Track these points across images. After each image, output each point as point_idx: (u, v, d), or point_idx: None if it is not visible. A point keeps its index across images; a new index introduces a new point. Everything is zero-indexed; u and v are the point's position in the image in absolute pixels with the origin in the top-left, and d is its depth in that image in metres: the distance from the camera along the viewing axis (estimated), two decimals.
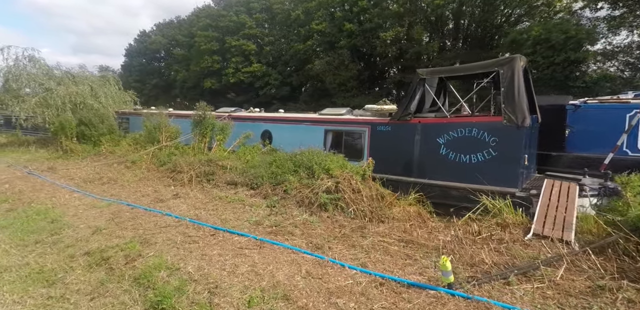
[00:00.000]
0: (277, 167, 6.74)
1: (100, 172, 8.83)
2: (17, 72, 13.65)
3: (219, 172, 7.59)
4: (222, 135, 8.97)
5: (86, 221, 5.01)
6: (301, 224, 4.55)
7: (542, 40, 18.18)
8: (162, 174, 8.19)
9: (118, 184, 7.49)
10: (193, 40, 41.80)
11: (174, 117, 10.90)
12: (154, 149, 10.00)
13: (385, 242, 3.95)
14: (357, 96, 28.91)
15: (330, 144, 8.25)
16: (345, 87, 28.69)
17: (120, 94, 15.71)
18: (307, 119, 8.83)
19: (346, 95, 29.03)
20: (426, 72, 6.82)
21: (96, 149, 12.07)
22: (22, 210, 5.85)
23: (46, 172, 9.10)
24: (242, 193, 6.33)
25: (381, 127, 7.31)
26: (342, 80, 28.12)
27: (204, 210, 5.27)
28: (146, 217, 4.97)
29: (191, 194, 6.40)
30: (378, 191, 5.91)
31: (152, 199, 6.13)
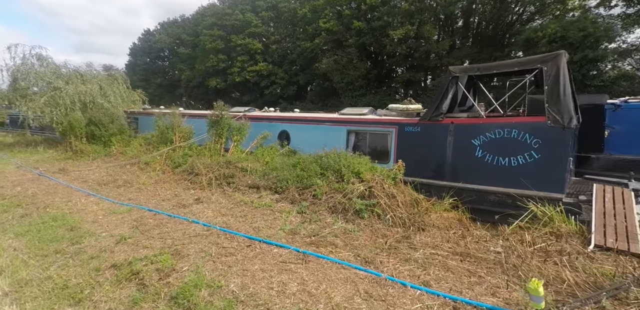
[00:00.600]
0: (302, 170, 6.41)
1: (114, 174, 8.53)
2: (25, 71, 13.38)
3: (239, 174, 7.27)
4: (239, 136, 8.65)
5: (108, 229, 4.70)
6: (341, 233, 4.22)
7: (559, 38, 17.75)
8: (178, 176, 7.88)
9: (134, 187, 7.19)
10: (198, 39, 41.52)
11: (187, 117, 10.59)
12: (167, 150, 9.70)
13: (438, 255, 3.62)
14: (364, 95, 28.55)
15: (353, 145, 7.91)
16: (353, 86, 28.32)
17: (128, 93, 15.40)
18: (328, 119, 8.49)
19: (354, 94, 28.66)
20: (459, 69, 6.46)
21: (106, 149, 11.79)
22: (37, 215, 5.56)
23: (57, 174, 8.81)
24: (266, 197, 6.00)
25: (409, 127, 6.96)
26: (350, 79, 27.74)
27: (232, 217, 4.94)
28: (172, 225, 4.65)
29: (213, 198, 6.08)
30: (413, 196, 5.57)
31: (173, 203, 5.82)
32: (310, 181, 5.96)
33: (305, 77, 32.84)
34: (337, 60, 27.83)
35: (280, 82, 33.58)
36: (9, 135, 23.23)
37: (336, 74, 28.29)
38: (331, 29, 28.48)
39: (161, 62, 52.71)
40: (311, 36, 31.58)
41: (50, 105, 13.22)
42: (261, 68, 34.10)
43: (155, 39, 48.84)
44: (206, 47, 37.18)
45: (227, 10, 38.32)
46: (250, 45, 34.95)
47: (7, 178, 8.59)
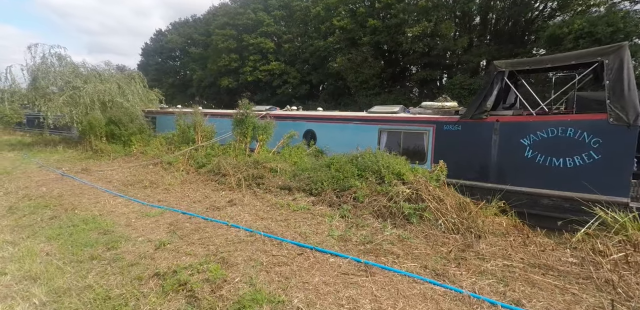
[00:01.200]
0: (337, 171, 6.09)
1: (138, 174, 8.34)
2: (45, 70, 13.35)
3: (268, 175, 6.98)
4: (265, 135, 8.37)
5: (143, 233, 4.45)
6: (396, 240, 3.89)
7: (586, 34, 17.09)
8: (204, 177, 7.64)
9: (161, 188, 6.96)
10: (210, 39, 41.58)
11: (209, 116, 10.37)
12: (189, 150, 9.49)
13: (514, 266, 3.27)
14: (379, 94, 28.10)
15: (386, 145, 7.56)
16: (367, 85, 27.91)
17: (146, 92, 15.28)
18: (358, 117, 8.16)
19: (368, 94, 28.24)
20: (505, 64, 6.06)
21: (126, 149, 11.66)
22: (66, 217, 5.35)
23: (81, 174, 8.66)
24: (301, 200, 5.70)
25: (449, 126, 6.59)
26: (365, 78, 27.34)
27: (272, 221, 4.65)
28: (211, 229, 4.38)
29: (245, 200, 5.81)
30: (460, 199, 5.20)
31: (205, 206, 5.56)
32: (348, 183, 5.64)
33: (318, 76, 32.53)
34: (351, 58, 27.44)
35: (293, 81, 33.34)
36: (26, 134, 23.47)
37: (350, 72, 27.91)
38: (345, 27, 28.11)
39: (172, 62, 53.03)
40: (324, 35, 31.26)
41: (70, 104, 13.17)
42: (273, 67, 33.90)
43: (167, 39, 49.10)
44: (218, 46, 37.13)
45: (239, 9, 38.23)
46: (262, 45, 34.77)
47: (31, 178, 8.48)
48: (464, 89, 22.95)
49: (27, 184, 7.80)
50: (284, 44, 34.86)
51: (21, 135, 23.25)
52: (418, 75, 25.16)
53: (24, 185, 7.75)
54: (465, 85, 22.84)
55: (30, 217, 5.58)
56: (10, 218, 5.69)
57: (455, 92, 23.29)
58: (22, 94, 13.69)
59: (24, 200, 6.60)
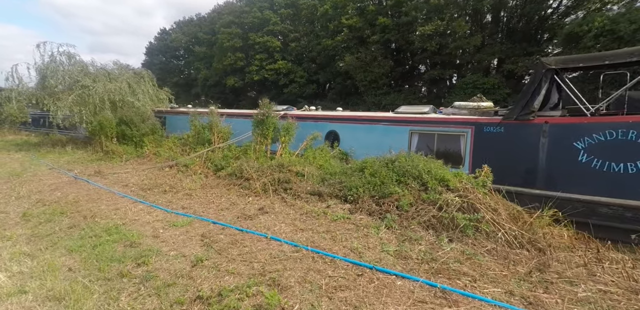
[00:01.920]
0: (373, 176, 5.68)
1: (154, 178, 7.96)
2: (54, 68, 13.00)
3: (294, 179, 6.58)
4: (287, 137, 7.97)
5: (174, 246, 4.06)
6: (462, 258, 3.48)
7: (607, 32, 16.60)
8: (225, 181, 7.25)
9: (182, 193, 6.57)
10: (215, 38, 41.23)
11: (226, 116, 9.97)
12: (206, 152, 9.11)
13: (611, 292, 2.86)
14: (388, 94, 27.66)
15: (418, 147, 7.15)
16: (376, 84, 27.47)
17: (156, 91, 14.91)
18: (386, 118, 7.74)
19: (377, 93, 27.80)
20: (555, 61, 5.63)
21: (138, 150, 11.29)
22: (86, 226, 4.97)
23: (94, 177, 8.29)
24: (337, 207, 5.30)
25: (490, 128, 6.17)
26: (374, 77, 26.90)
27: (314, 233, 4.25)
28: (249, 243, 3.98)
29: (276, 207, 5.41)
30: (512, 208, 4.79)
31: (235, 214, 5.16)
32: (387, 189, 5.23)
33: (326, 75, 32.11)
34: (360, 57, 27.01)
35: (300, 80, 32.92)
36: (31, 134, 23.17)
37: (359, 71, 27.47)
38: (354, 25, 27.67)
39: (176, 61, 52.74)
40: (332, 33, 30.81)
41: (79, 104, 12.82)
42: (280, 66, 33.49)
43: (172, 38, 48.76)
44: (224, 45, 36.76)
45: (245, 8, 37.84)
46: (268, 43, 34.36)
47: (43, 181, 8.11)
48: (477, 89, 22.46)
49: (40, 188, 7.44)
50: (291, 43, 34.44)
51: (26, 135, 22.95)
52: (429, 75, 24.62)
53: (37, 189, 7.39)
54: (479, 84, 22.37)
55: (47, 226, 5.20)
56: (26, 226, 5.32)
57: (467, 92, 22.82)
58: (30, 93, 13.31)
59: (38, 206, 6.23)
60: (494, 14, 25.64)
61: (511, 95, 21.84)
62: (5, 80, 13.57)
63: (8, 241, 4.85)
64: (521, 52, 22.57)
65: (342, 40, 28.22)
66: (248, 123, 10.54)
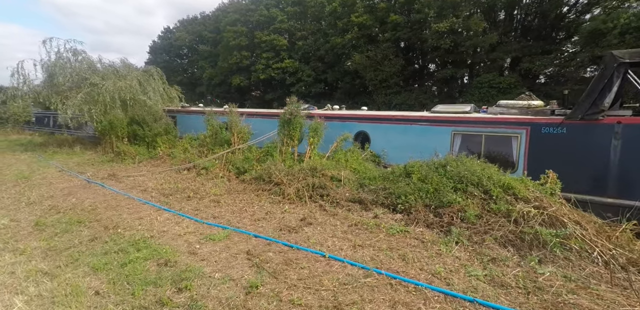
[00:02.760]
0: (423, 182, 5.13)
1: (173, 182, 7.42)
2: (62, 66, 12.45)
3: (330, 185, 6.02)
4: (315, 138, 7.41)
5: (217, 265, 3.50)
6: (573, 287, 2.92)
7: (633, 29, 16.00)
8: (252, 185, 6.70)
9: (207, 200, 6.02)
10: (220, 36, 40.69)
11: (246, 116, 9.42)
12: (225, 153, 8.56)
13: None
14: (399, 93, 27.08)
15: (461, 150, 6.58)
16: (386, 84, 26.87)
17: (166, 89, 14.33)
18: (425, 118, 7.17)
19: (387, 92, 27.22)
20: (629, 54, 5.04)
21: (151, 151, 10.74)
22: (109, 239, 4.42)
23: (108, 181, 7.75)
24: (387, 218, 4.74)
25: (549, 128, 5.59)
26: (385, 76, 26.31)
27: (377, 251, 3.69)
28: (305, 263, 3.43)
29: (319, 218, 4.85)
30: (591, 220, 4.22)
31: (274, 225, 4.61)
32: (444, 198, 4.67)
33: (334, 74, 31.52)
34: (371, 56, 26.43)
35: (307, 79, 32.33)
36: (35, 134, 22.65)
37: (369, 70, 26.89)
38: (364, 23, 27.08)
39: (180, 60, 52.23)
40: (341, 31, 30.23)
41: (87, 102, 12.28)
42: (287, 65, 32.91)
43: (176, 36, 48.20)
44: (229, 43, 36.21)
45: (251, 6, 37.28)
46: (275, 42, 33.79)
47: (54, 185, 7.57)
48: (492, 88, 21.88)
49: (51, 193, 6.90)
50: (298, 42, 33.86)
51: (30, 134, 22.45)
52: (443, 74, 24.02)
53: (48, 193, 6.85)
54: (494, 83, 21.77)
55: (64, 237, 4.66)
56: (40, 237, 4.77)
57: (483, 91, 22.25)
58: (37, 91, 12.76)
59: (52, 213, 5.69)
60: (508, 11, 25.04)
61: None
62: (11, 77, 13.03)
63: (22, 255, 4.31)
64: (538, 50, 21.97)
65: (351, 38, 27.59)
66: (268, 123, 9.99)
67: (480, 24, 21.17)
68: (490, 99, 22.14)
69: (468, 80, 27.45)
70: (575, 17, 22.36)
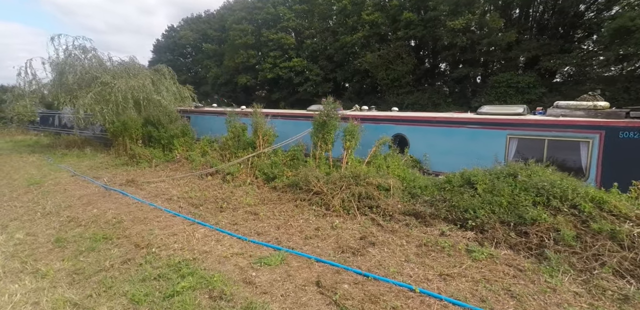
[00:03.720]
0: (491, 194, 4.54)
1: (198, 189, 6.85)
2: (72, 63, 11.88)
3: (377, 194, 5.44)
4: (352, 142, 6.82)
5: (285, 302, 2.91)
6: None
7: None
8: (286, 194, 6.13)
9: (242, 211, 5.45)
10: (225, 35, 40.14)
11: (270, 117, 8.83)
12: (251, 157, 7.98)
13: None
14: (411, 93, 26.45)
15: (518, 155, 6.00)
16: (398, 83, 26.25)
17: (179, 88, 13.72)
18: (473, 120, 6.59)
19: (399, 92, 26.60)
20: None
21: (167, 154, 10.17)
22: (144, 260, 3.85)
23: (127, 187, 7.18)
24: (457, 236, 4.16)
25: (628, 133, 5.00)
26: (396, 75, 25.70)
27: (471, 282, 3.11)
28: (396, 300, 2.84)
29: (379, 235, 4.27)
30: None
31: (331, 244, 4.03)
32: (526, 213, 4.08)
33: (343, 73, 30.90)
34: (383, 55, 25.81)
35: (316, 79, 31.68)
36: (40, 134, 22.12)
37: (380, 69, 26.28)
38: (375, 21, 26.46)
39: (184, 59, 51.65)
40: (351, 30, 29.60)
41: (99, 102, 11.71)
42: (295, 64, 32.24)
43: (180, 35, 47.58)
44: (236, 42, 35.59)
45: (258, 3, 36.63)
46: (282, 40, 33.14)
47: (69, 192, 7.01)
48: (511, 87, 21.24)
49: (68, 201, 6.33)
50: (306, 40, 33.23)
51: (35, 134, 21.92)
52: (459, 72, 23.39)
53: (65, 202, 6.28)
54: (512, 83, 21.13)
55: (90, 257, 4.09)
56: (62, 256, 4.21)
57: (500, 91, 21.62)
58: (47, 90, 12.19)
59: (72, 227, 5.13)
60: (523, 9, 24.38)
61: (547, 95, 20.62)
62: (18, 76, 12.47)
63: (44, 279, 3.75)
64: (557, 49, 21.31)
65: (362, 36, 26.96)
66: (292, 124, 9.42)
67: (498, 21, 20.52)
68: (507, 99, 21.52)
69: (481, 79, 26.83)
70: (595, 15, 21.70)
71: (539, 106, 6.55)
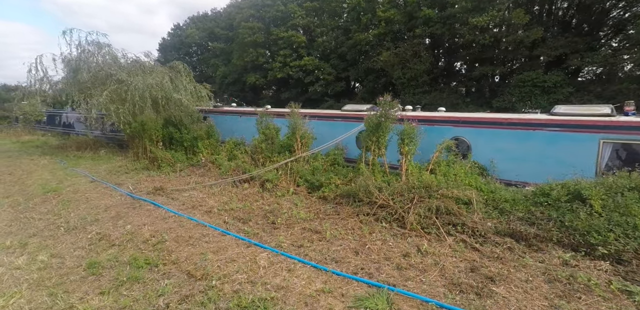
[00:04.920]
0: (618, 212, 3.74)
1: (237, 199, 6.08)
2: (86, 60, 11.12)
3: (457, 209, 4.64)
4: (411, 146, 6.02)
5: None
6: None
7: None
8: (343, 207, 5.35)
9: (299, 227, 4.67)
10: (233, 33, 39.40)
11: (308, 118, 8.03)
12: (289, 162, 7.20)
13: None
14: (428, 92, 25.60)
15: (613, 163, 5.19)
16: (415, 82, 25.40)
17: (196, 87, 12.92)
18: (554, 122, 5.76)
19: (416, 92, 25.73)
20: None
21: (190, 158, 9.40)
22: (206, 298, 3.09)
23: (157, 197, 6.40)
24: (586, 267, 3.37)
25: None
26: (414, 74, 24.85)
27: None
28: None
29: (490, 266, 3.47)
30: None
31: (437, 279, 3.24)
32: None
33: (357, 72, 30.06)
34: (399, 53, 24.97)
35: (328, 78, 30.83)
36: (48, 134, 21.39)
37: (397, 68, 25.44)
38: (391, 18, 25.63)
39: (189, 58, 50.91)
40: (364, 27, 28.79)
41: (114, 101, 10.95)
42: (306, 63, 31.40)
43: (186, 33, 46.80)
44: (245, 40, 34.80)
45: (267, 1, 35.85)
46: (293, 38, 32.32)
47: (92, 201, 6.23)
48: (536, 87, 20.38)
49: (94, 213, 5.55)
50: (317, 38, 32.43)
51: (42, 134, 21.18)
52: (480, 71, 22.55)
53: (90, 214, 5.50)
54: (538, 82, 20.26)
55: (136, 291, 3.31)
56: (98, 287, 3.44)
57: (525, 90, 20.77)
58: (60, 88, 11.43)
59: (104, 247, 4.35)
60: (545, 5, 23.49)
61: (574, 94, 19.76)
62: (28, 73, 11.71)
63: None
64: (586, 47, 20.44)
65: (378, 34, 26.14)
66: (330, 126, 8.65)
67: (524, 17, 19.64)
68: (532, 99, 20.66)
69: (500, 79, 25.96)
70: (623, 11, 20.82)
71: (629, 105, 5.71)
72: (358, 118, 8.42)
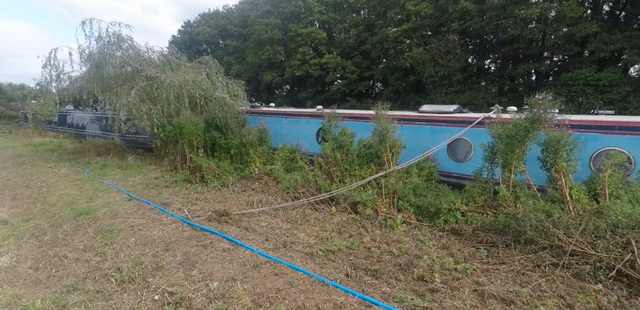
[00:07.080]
0: None
1: (331, 230, 4.56)
2: (111, 54, 9.65)
3: None
4: (571, 161, 4.46)
5: None
6: None
7: None
8: (496, 249, 3.80)
9: (469, 288, 3.15)
10: (247, 30, 37.97)
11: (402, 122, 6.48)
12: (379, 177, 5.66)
13: None
14: (461, 92, 23.92)
15: None
16: (448, 81, 23.74)
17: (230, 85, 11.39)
18: None
19: (447, 91, 24.06)
20: None
21: (239, 168, 7.89)
22: None
23: (224, 225, 4.89)
24: None
25: None
26: (447, 72, 23.20)
27: None
28: None
29: None
30: None
31: None
32: None
33: (382, 70, 28.45)
34: (431, 49, 23.35)
35: (351, 76, 29.22)
36: (60, 135, 20.03)
37: (428, 66, 23.80)
38: (424, 12, 24.00)
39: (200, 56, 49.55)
40: (390, 23, 27.20)
41: (144, 101, 9.49)
42: (327, 60, 29.79)
43: (197, 31, 45.38)
44: (261, 37, 33.26)
45: None
46: (313, 35, 30.72)
47: (140, 232, 4.72)
48: (589, 86, 18.67)
49: (152, 255, 4.03)
50: (338, 35, 30.85)
51: (54, 136, 19.83)
52: (523, 68, 20.87)
53: (146, 256, 3.98)
54: (591, 80, 18.54)
55: None
56: None
57: (575, 89, 19.09)
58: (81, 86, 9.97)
59: None
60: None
61: (632, 94, 18.05)
62: (43, 68, 10.28)
63: None
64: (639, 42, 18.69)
65: (408, 29, 24.52)
66: (427, 131, 7.13)
67: (577, 9, 17.96)
68: (583, 99, 19.00)
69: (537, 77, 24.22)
70: None
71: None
72: (447, 122, 6.89)
